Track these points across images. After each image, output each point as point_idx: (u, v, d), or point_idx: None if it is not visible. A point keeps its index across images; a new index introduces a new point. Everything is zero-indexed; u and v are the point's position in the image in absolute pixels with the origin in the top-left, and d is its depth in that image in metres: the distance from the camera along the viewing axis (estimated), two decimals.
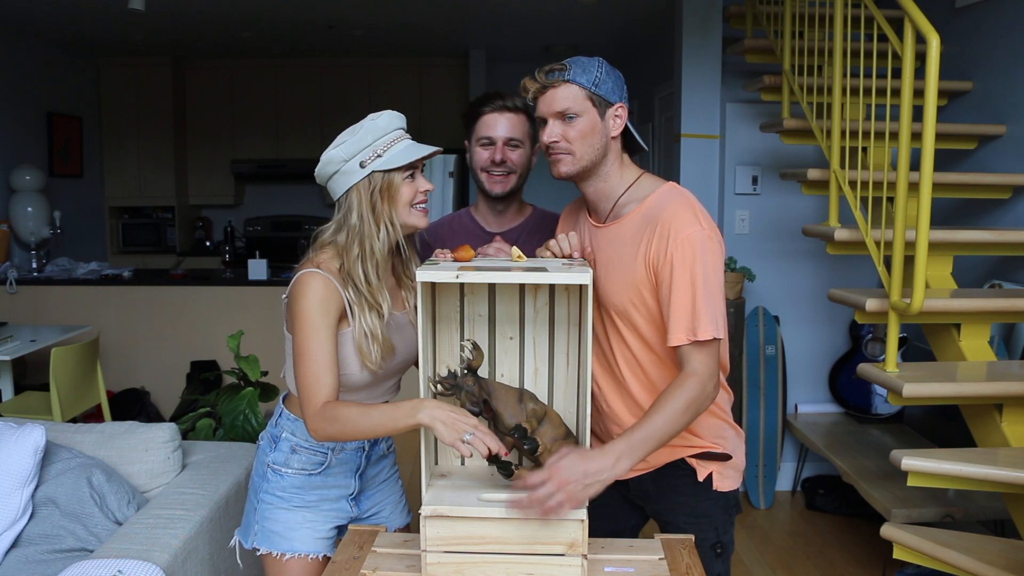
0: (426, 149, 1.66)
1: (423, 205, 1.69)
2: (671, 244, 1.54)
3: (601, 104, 1.61)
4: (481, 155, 1.98)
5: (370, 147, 1.62)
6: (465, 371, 1.55)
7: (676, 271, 1.53)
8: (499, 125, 1.96)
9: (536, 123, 1.71)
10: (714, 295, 1.54)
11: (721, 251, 1.58)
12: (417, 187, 1.67)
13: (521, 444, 1.49)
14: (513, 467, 1.50)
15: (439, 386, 1.54)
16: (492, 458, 1.52)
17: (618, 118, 1.64)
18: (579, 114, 1.60)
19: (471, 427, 1.41)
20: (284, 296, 1.67)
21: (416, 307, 1.75)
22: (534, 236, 2.03)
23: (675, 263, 1.53)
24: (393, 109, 1.71)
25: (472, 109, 2.01)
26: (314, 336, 1.58)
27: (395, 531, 1.85)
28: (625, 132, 1.68)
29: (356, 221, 1.63)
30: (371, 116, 1.65)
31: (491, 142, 1.97)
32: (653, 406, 1.51)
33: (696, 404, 1.51)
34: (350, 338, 1.64)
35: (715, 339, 1.53)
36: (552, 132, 1.62)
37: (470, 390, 1.53)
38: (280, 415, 1.78)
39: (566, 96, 1.60)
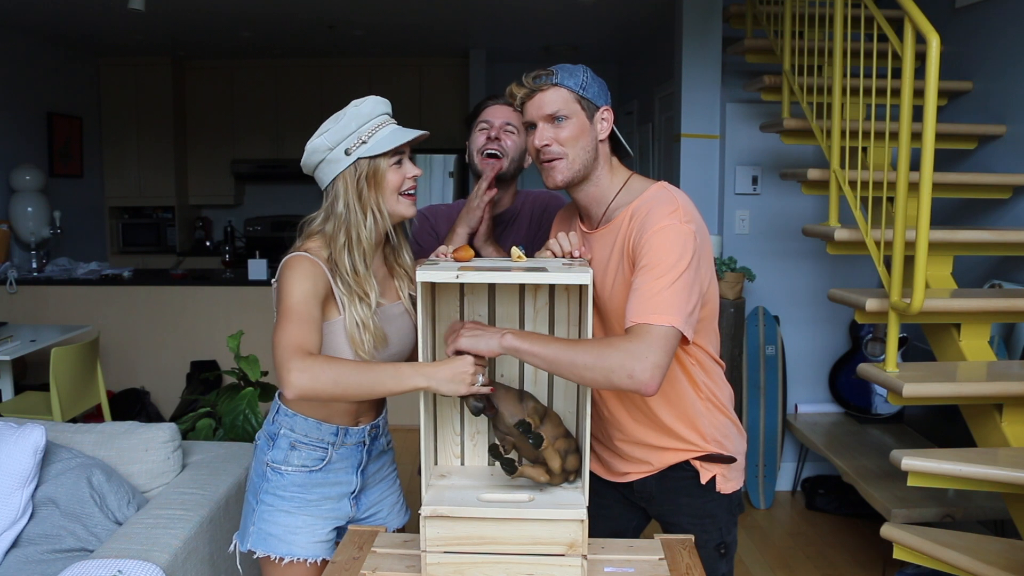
0: (412, 133, 1.66)
1: (411, 192, 1.69)
2: (645, 235, 1.53)
3: (589, 107, 1.62)
4: (479, 139, 2.06)
5: (354, 134, 1.62)
6: None
7: (644, 259, 1.51)
8: (498, 112, 2.05)
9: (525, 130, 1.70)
10: (681, 286, 1.47)
11: (695, 244, 1.52)
12: (405, 173, 1.67)
13: (525, 440, 1.48)
14: (516, 464, 1.50)
15: None
16: (495, 455, 1.51)
17: (605, 121, 1.64)
18: (569, 116, 1.60)
19: (470, 367, 1.44)
20: (273, 281, 1.66)
21: (411, 296, 1.75)
22: (533, 214, 2.13)
23: (644, 252, 1.51)
24: (392, 109, 1.70)
25: (476, 107, 2.12)
26: (301, 300, 1.55)
27: (393, 531, 1.84)
28: (612, 137, 1.68)
29: (342, 209, 1.63)
30: (354, 102, 1.64)
31: (489, 126, 2.05)
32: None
33: (607, 360, 1.40)
34: (341, 328, 1.63)
35: (669, 327, 1.44)
36: (543, 135, 1.62)
37: None
38: (277, 411, 1.76)
39: (555, 99, 1.60)
